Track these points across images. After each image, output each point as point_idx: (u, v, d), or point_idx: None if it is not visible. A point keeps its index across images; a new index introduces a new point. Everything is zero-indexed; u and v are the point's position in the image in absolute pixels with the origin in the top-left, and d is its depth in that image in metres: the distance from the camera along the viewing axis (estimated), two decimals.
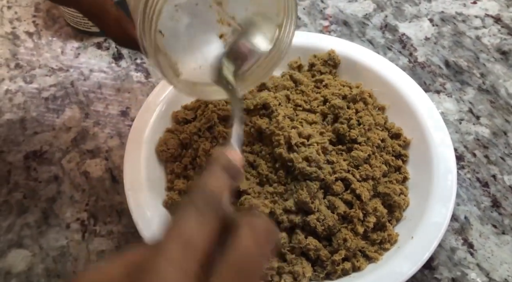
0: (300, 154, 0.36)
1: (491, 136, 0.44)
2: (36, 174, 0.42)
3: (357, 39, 0.51)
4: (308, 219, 0.34)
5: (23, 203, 0.40)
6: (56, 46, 0.51)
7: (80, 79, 0.48)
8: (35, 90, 0.48)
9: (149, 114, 0.41)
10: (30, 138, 0.44)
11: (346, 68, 0.45)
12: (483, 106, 0.46)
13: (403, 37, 0.51)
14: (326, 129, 0.39)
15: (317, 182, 0.35)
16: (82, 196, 0.41)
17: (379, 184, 0.37)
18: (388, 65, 0.44)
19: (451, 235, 0.38)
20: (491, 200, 0.40)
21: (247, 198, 0.35)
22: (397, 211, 0.37)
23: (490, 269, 0.36)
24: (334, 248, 0.34)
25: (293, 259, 0.34)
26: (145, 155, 0.39)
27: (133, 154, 0.38)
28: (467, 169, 0.42)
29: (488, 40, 0.51)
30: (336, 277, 0.34)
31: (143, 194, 0.36)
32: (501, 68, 0.48)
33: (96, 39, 0.52)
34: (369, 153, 0.38)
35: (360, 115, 0.40)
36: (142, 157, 0.39)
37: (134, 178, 0.37)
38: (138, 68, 0.49)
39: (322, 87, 0.43)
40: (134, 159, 0.38)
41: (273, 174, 0.37)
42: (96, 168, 0.42)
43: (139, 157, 0.38)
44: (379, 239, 0.35)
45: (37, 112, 0.46)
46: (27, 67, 0.49)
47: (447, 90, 0.47)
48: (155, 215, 0.36)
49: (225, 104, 0.41)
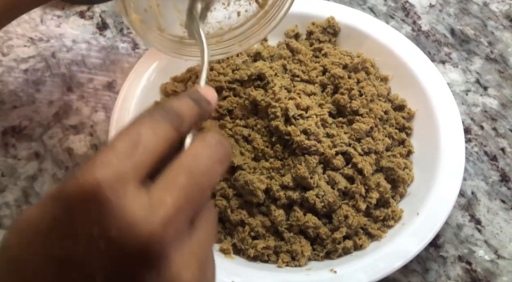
0: (298, 126, 0.34)
1: (499, 107, 0.41)
2: (15, 151, 0.39)
3: (358, 7, 0.48)
4: (307, 195, 0.32)
5: (1, 181, 0.38)
6: (36, 15, 0.48)
7: (62, 50, 0.45)
8: (13, 62, 0.44)
9: (135, 86, 0.38)
10: (8, 113, 0.41)
11: (346, 36, 0.42)
12: (491, 77, 0.43)
13: (406, 5, 0.48)
14: (326, 100, 0.37)
15: (316, 156, 0.33)
16: (65, 173, 0.38)
17: (382, 158, 0.35)
18: (391, 33, 0.41)
19: (457, 211, 0.36)
20: (500, 174, 0.38)
21: (242, 173, 0.33)
22: (401, 186, 0.35)
23: (499, 246, 0.34)
24: (334, 226, 0.32)
25: (291, 238, 0.32)
26: None
27: (119, 129, 0.36)
28: (474, 142, 0.40)
29: (496, 6, 0.48)
30: (336, 256, 0.32)
31: None
32: (510, 36, 0.46)
33: (78, 8, 0.48)
34: (371, 125, 0.35)
35: (362, 86, 0.37)
36: None
37: None
38: (124, 39, 0.46)
39: (321, 57, 0.40)
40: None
41: (269, 149, 0.35)
42: (80, 144, 0.40)
43: None
44: (382, 215, 0.33)
45: (15, 85, 0.43)
46: (4, 37, 0.46)
47: (452, 60, 0.44)
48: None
49: (217, 75, 0.38)
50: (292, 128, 0.34)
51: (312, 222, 0.32)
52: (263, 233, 0.32)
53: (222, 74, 0.38)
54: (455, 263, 0.34)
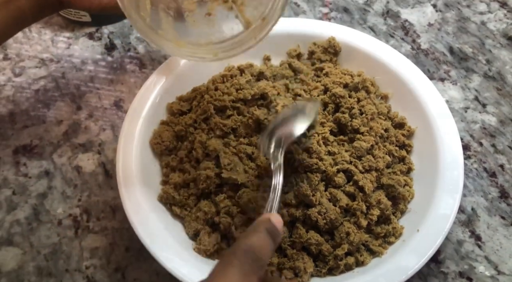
0: (300, 145, 0.35)
1: (498, 124, 0.42)
2: (26, 169, 0.40)
3: (358, 27, 0.49)
4: (309, 212, 0.33)
5: (13, 199, 0.39)
6: (46, 37, 0.49)
7: (71, 71, 0.47)
8: (25, 82, 0.46)
9: (142, 106, 0.39)
10: (19, 132, 0.43)
11: (347, 56, 0.43)
12: (490, 94, 0.44)
13: (406, 24, 0.50)
14: (327, 119, 0.38)
15: (318, 173, 0.34)
16: (74, 191, 0.39)
17: (383, 175, 0.36)
18: (390, 52, 0.42)
19: (457, 227, 0.37)
20: (499, 190, 0.38)
21: (246, 191, 0.34)
22: (402, 203, 0.35)
23: (499, 262, 0.35)
24: (336, 242, 0.33)
25: (293, 254, 0.33)
26: (139, 148, 0.37)
27: (126, 147, 0.37)
28: (473, 158, 0.40)
29: (494, 25, 0.49)
30: (339, 273, 0.33)
31: (137, 189, 0.35)
32: (508, 54, 0.47)
33: (87, 30, 0.50)
34: (372, 143, 0.36)
35: (362, 105, 0.38)
36: (136, 150, 0.37)
37: (128, 172, 0.36)
38: (132, 59, 0.47)
39: (322, 76, 0.41)
40: (127, 153, 0.37)
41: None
42: (89, 162, 0.41)
43: (132, 150, 0.37)
44: (383, 232, 0.34)
45: (26, 105, 0.44)
46: (16, 59, 0.48)
47: (451, 78, 0.45)
48: (149, 210, 0.34)
49: (221, 95, 0.39)
50: (294, 147, 0.34)
51: (314, 239, 0.33)
52: None
53: (226, 93, 0.39)
54: (456, 278, 0.34)
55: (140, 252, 0.36)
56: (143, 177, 0.36)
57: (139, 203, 0.34)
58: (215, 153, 0.36)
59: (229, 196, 0.35)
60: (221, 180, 0.35)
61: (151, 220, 0.34)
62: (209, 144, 0.36)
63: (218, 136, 0.38)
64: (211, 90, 0.40)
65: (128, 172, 0.36)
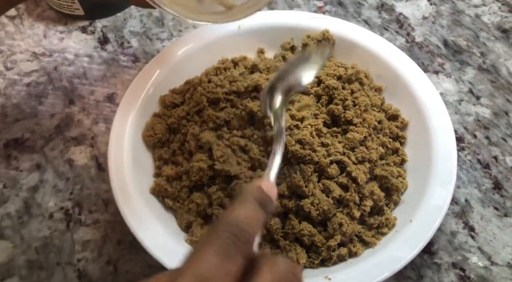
0: (293, 136, 0.35)
1: (492, 116, 0.42)
2: (17, 163, 0.40)
3: (353, 20, 0.49)
4: (302, 203, 0.33)
5: (3, 192, 0.39)
6: (39, 31, 0.49)
7: (64, 64, 0.46)
8: (17, 76, 0.46)
9: (135, 98, 0.39)
10: (10, 125, 0.42)
11: (341, 48, 0.43)
12: (484, 86, 0.44)
13: (400, 17, 0.50)
14: (320, 111, 0.38)
15: (311, 165, 0.34)
16: (66, 184, 0.39)
17: (376, 167, 0.35)
18: (385, 44, 0.42)
19: (451, 218, 0.37)
20: (493, 182, 0.38)
21: (239, 183, 0.34)
22: (395, 194, 0.35)
23: (492, 253, 0.35)
24: (329, 233, 0.33)
25: (286, 245, 0.33)
26: (131, 140, 0.37)
27: (119, 140, 0.37)
28: (467, 150, 0.40)
29: (488, 18, 0.49)
30: (331, 264, 0.33)
31: (129, 181, 0.35)
32: (502, 46, 0.47)
33: (80, 23, 0.49)
34: (365, 135, 0.36)
35: (356, 96, 0.38)
36: (128, 143, 0.37)
37: (120, 165, 0.35)
38: (125, 53, 0.47)
39: None
40: (119, 145, 0.36)
41: (265, 158, 0.35)
42: (81, 156, 0.41)
43: (124, 142, 0.37)
44: (376, 223, 0.34)
45: (18, 98, 0.44)
46: (7, 52, 0.47)
47: (446, 71, 0.45)
48: (141, 202, 0.34)
49: (214, 87, 0.39)
50: (288, 138, 0.34)
51: (307, 230, 0.32)
52: (259, 241, 0.33)
53: (219, 86, 0.39)
54: (449, 269, 0.34)
55: (132, 245, 0.36)
56: (135, 169, 0.36)
57: (131, 196, 0.34)
58: (208, 145, 0.36)
59: (222, 188, 0.35)
60: (214, 172, 0.35)
61: (143, 212, 0.34)
62: (202, 136, 0.36)
63: (211, 129, 0.37)
64: (204, 82, 0.39)
65: (120, 165, 0.35)
